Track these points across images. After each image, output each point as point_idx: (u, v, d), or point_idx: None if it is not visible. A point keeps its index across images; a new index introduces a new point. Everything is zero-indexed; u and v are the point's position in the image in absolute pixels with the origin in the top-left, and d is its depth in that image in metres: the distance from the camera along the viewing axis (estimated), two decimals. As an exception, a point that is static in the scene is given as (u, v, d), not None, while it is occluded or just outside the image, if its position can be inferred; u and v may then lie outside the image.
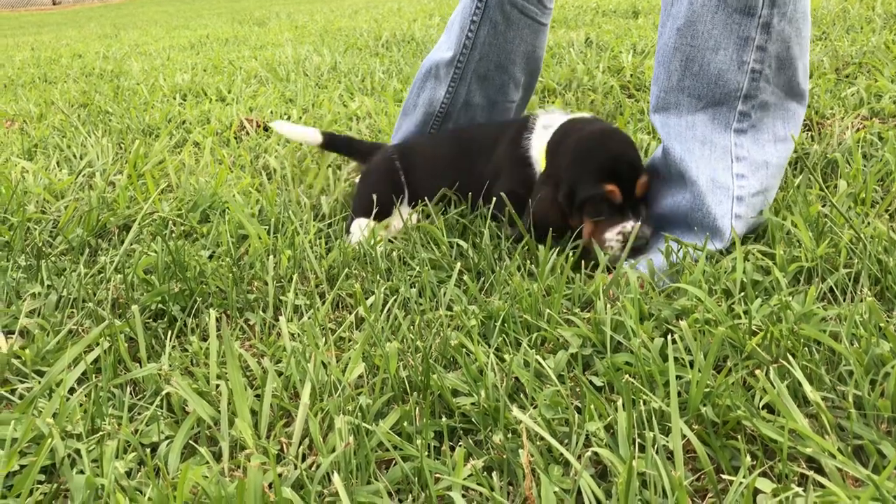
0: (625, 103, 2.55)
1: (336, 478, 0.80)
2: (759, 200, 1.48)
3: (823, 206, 1.51)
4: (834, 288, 1.25)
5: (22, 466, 0.96)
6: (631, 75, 2.94)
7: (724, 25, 1.44)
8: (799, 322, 1.10)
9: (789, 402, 0.93)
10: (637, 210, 1.50)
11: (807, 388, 0.93)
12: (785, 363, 1.01)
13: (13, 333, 1.32)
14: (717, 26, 1.44)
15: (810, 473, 0.84)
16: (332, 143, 2.13)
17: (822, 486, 0.83)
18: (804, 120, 2.10)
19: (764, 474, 0.88)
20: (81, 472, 0.94)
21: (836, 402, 0.97)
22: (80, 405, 1.07)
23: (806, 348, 1.05)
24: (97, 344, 1.22)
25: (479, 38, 1.90)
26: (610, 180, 1.46)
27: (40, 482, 0.95)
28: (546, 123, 1.67)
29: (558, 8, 5.62)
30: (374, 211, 1.71)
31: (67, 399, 1.08)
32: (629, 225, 1.45)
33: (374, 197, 1.72)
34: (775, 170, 1.51)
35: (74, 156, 2.57)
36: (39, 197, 2.08)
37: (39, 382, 1.14)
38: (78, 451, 0.98)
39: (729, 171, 1.46)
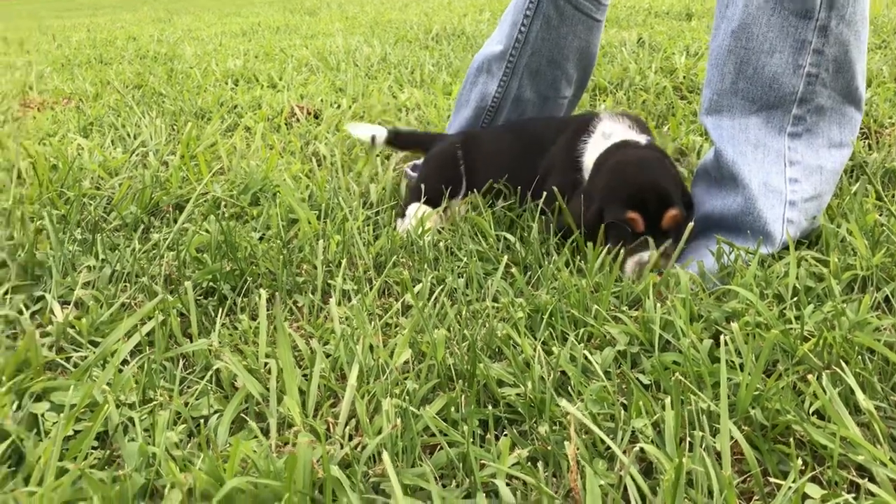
0: (677, 104, 2.53)
1: (385, 456, 0.81)
2: (812, 206, 1.46)
3: (880, 214, 1.48)
4: (890, 297, 1.23)
5: (76, 432, 0.99)
6: (683, 77, 2.91)
7: (780, 28, 1.42)
8: (853, 330, 1.08)
9: (841, 409, 0.91)
10: (661, 241, 1.42)
11: (859, 396, 0.92)
12: (837, 370, 0.99)
13: (69, 304, 1.36)
14: (772, 29, 1.42)
15: (862, 482, 0.82)
16: (398, 138, 2.14)
17: (874, 494, 0.82)
18: (861, 128, 2.06)
19: (813, 479, 0.87)
20: (133, 440, 0.96)
21: (890, 413, 0.96)
22: (133, 376, 1.09)
23: (859, 356, 1.04)
24: (150, 318, 1.24)
25: (531, 33, 1.90)
26: (634, 208, 1.43)
27: (93, 448, 0.98)
28: (606, 131, 1.64)
29: (610, 7, 5.56)
30: (425, 198, 1.73)
31: (121, 370, 1.11)
32: (646, 256, 1.41)
33: (432, 185, 1.75)
34: (829, 175, 1.48)
35: (129, 135, 2.63)
36: (94, 173, 2.13)
37: (94, 352, 1.17)
38: (131, 420, 1.00)
39: (782, 175, 1.44)
